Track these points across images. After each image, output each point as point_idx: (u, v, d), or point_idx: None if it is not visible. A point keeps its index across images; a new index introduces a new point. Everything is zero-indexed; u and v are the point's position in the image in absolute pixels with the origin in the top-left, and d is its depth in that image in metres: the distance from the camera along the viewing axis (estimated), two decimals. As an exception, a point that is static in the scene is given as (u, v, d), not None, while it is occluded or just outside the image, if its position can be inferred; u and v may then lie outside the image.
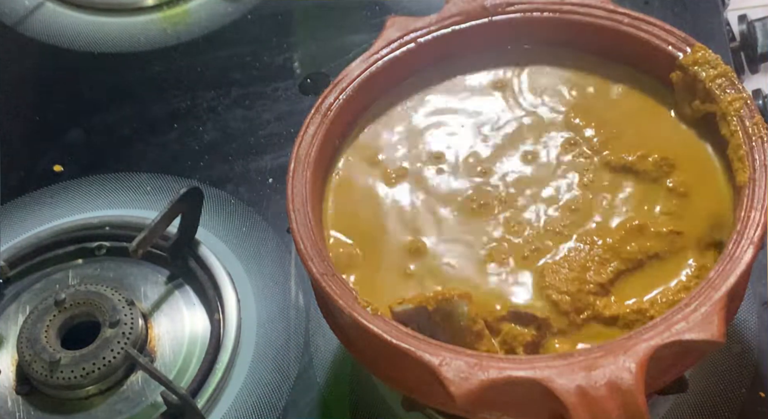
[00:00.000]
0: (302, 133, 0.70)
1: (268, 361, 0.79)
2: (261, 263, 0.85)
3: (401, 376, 0.62)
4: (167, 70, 1.03)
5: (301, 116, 0.71)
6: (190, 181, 0.90)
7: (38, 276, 0.86)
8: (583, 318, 0.62)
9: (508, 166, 0.71)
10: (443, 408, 0.63)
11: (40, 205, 0.91)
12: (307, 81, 1.00)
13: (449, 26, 0.75)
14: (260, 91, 0.99)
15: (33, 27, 1.09)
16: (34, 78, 1.06)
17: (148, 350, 0.79)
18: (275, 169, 0.92)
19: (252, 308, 0.82)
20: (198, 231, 0.85)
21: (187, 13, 1.09)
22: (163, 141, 0.97)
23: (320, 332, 0.80)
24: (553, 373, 0.56)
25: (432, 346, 0.58)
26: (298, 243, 0.64)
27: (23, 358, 0.77)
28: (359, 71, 0.73)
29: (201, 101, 0.99)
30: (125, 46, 1.06)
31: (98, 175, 0.94)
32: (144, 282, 0.84)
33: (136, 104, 1.01)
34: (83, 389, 0.77)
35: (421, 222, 0.69)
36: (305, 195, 0.66)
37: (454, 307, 0.61)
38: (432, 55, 0.75)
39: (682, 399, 0.72)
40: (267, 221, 0.88)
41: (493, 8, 0.75)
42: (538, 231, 0.67)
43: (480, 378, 0.56)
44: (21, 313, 0.83)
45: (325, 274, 0.62)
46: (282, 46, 1.04)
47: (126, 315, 0.79)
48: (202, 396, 0.76)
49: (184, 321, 0.82)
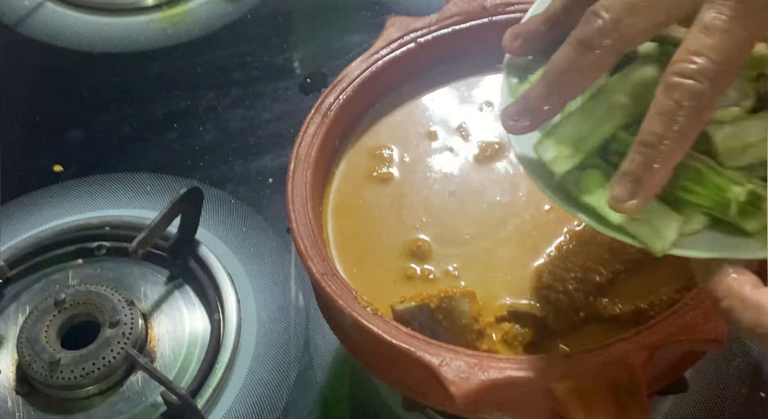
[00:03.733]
0: (302, 133, 0.70)
1: (268, 361, 0.79)
2: (261, 263, 0.85)
3: (401, 376, 0.62)
4: (167, 70, 1.04)
5: (301, 116, 0.71)
6: (190, 181, 0.90)
7: (38, 276, 0.86)
8: (582, 318, 0.62)
9: (508, 164, 0.71)
10: (443, 409, 0.63)
11: (40, 205, 0.91)
12: (307, 81, 1.00)
13: (449, 26, 0.75)
14: (260, 91, 1.00)
15: (33, 27, 1.09)
16: (34, 78, 1.06)
17: (148, 350, 0.79)
18: (275, 169, 0.92)
19: (252, 308, 0.82)
20: (198, 231, 0.85)
21: (187, 13, 1.09)
22: (163, 141, 0.97)
23: (320, 332, 0.80)
24: (553, 373, 0.56)
25: (432, 346, 0.58)
26: (298, 243, 0.64)
27: (23, 358, 0.77)
28: (359, 71, 0.73)
29: (201, 101, 1.00)
30: (125, 46, 1.06)
31: (98, 175, 0.94)
32: (144, 282, 0.84)
33: (136, 104, 1.01)
34: (83, 389, 0.77)
35: (421, 221, 0.69)
36: (305, 195, 0.66)
37: (456, 305, 0.61)
38: (432, 55, 0.75)
39: (682, 399, 0.72)
40: (267, 221, 0.88)
41: (493, 8, 0.75)
42: (537, 231, 0.67)
43: (480, 378, 0.56)
44: (21, 313, 0.83)
45: (325, 274, 0.62)
46: (282, 46, 1.04)
47: (126, 315, 0.79)
48: (202, 396, 0.76)
49: (184, 321, 0.82)
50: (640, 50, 0.52)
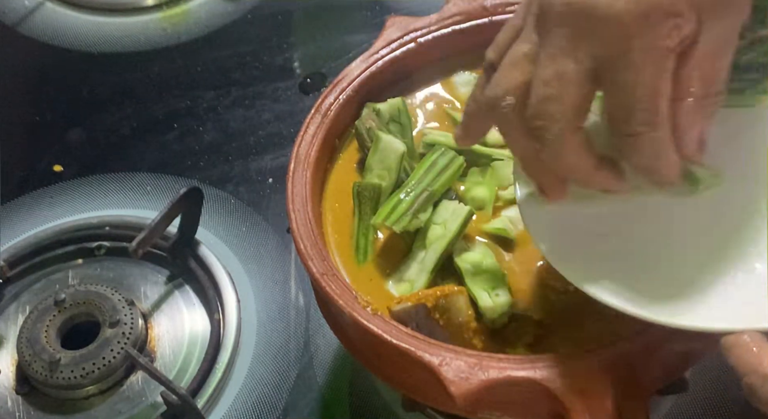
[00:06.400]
0: (302, 133, 0.70)
1: (268, 361, 0.79)
2: (261, 263, 0.85)
3: (401, 376, 0.62)
4: (167, 70, 1.04)
5: (301, 116, 0.71)
6: (190, 180, 0.90)
7: (38, 276, 0.86)
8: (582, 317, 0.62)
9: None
10: (443, 409, 0.63)
11: (40, 205, 0.91)
12: (307, 81, 1.00)
13: (449, 26, 0.75)
14: (260, 91, 1.00)
15: (33, 27, 1.09)
16: (34, 78, 1.06)
17: (148, 350, 0.79)
18: (275, 169, 0.92)
19: (252, 308, 0.82)
20: (198, 231, 0.85)
21: (187, 13, 1.09)
22: (163, 141, 0.97)
23: (320, 332, 0.80)
24: (553, 373, 0.56)
25: (432, 346, 0.58)
26: (298, 243, 0.64)
27: (23, 358, 0.77)
28: (359, 71, 0.73)
29: (201, 101, 1.00)
30: (125, 46, 1.06)
31: (98, 175, 0.94)
32: (144, 282, 0.84)
33: (136, 104, 1.01)
34: (83, 389, 0.77)
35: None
36: (305, 195, 0.66)
37: (453, 303, 0.61)
38: (432, 55, 0.75)
39: (682, 399, 0.72)
40: (267, 221, 0.88)
41: (493, 8, 0.75)
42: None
43: (480, 378, 0.56)
44: (21, 313, 0.83)
45: (325, 274, 0.62)
46: (282, 46, 1.04)
47: (126, 315, 0.79)
48: (202, 396, 0.76)
49: (184, 321, 0.82)
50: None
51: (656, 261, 0.55)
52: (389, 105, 0.71)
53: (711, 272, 0.54)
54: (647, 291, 0.53)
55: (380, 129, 0.69)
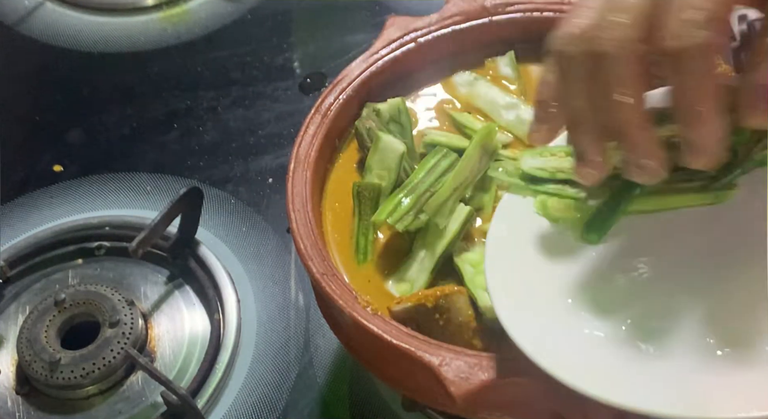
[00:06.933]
0: (302, 133, 0.70)
1: (268, 361, 0.79)
2: (261, 263, 0.85)
3: (401, 376, 0.62)
4: (167, 70, 1.04)
5: (301, 116, 0.71)
6: (190, 180, 0.90)
7: (38, 276, 0.86)
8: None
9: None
10: (443, 409, 0.63)
11: (40, 205, 0.91)
12: (307, 81, 1.00)
13: (449, 26, 0.75)
14: (260, 91, 1.00)
15: (33, 27, 1.09)
16: (34, 78, 1.06)
17: (148, 350, 0.79)
18: (275, 169, 0.92)
19: (252, 308, 0.82)
20: (198, 231, 0.85)
21: (187, 13, 1.09)
22: (163, 141, 0.97)
23: (320, 332, 0.80)
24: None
25: (432, 346, 0.58)
26: (298, 243, 0.64)
27: (23, 358, 0.77)
28: (359, 71, 0.73)
29: (201, 101, 1.00)
30: (125, 46, 1.06)
31: (98, 175, 0.94)
32: (144, 282, 0.84)
33: (136, 104, 1.01)
34: (83, 389, 0.77)
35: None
36: (305, 195, 0.66)
37: (453, 303, 0.61)
38: (432, 55, 0.75)
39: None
40: (267, 221, 0.88)
41: (493, 8, 0.75)
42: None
43: (480, 378, 0.56)
44: (21, 313, 0.83)
45: (325, 274, 0.62)
46: (282, 46, 1.04)
47: (126, 315, 0.79)
48: (202, 396, 0.76)
49: (184, 321, 0.82)
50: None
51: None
52: (389, 105, 0.71)
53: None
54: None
55: (380, 129, 0.69)
